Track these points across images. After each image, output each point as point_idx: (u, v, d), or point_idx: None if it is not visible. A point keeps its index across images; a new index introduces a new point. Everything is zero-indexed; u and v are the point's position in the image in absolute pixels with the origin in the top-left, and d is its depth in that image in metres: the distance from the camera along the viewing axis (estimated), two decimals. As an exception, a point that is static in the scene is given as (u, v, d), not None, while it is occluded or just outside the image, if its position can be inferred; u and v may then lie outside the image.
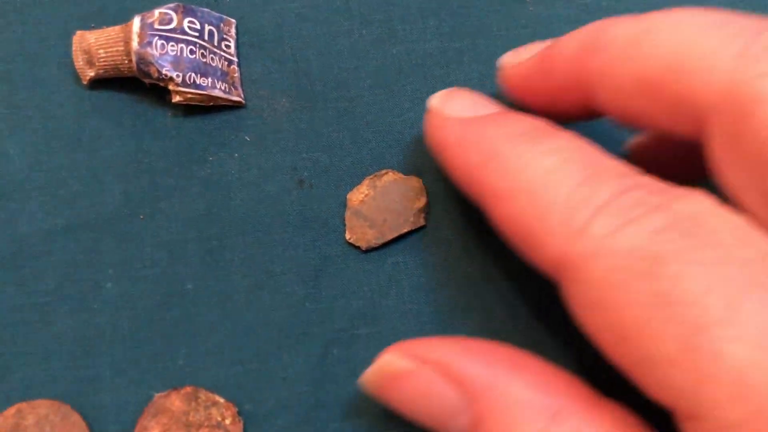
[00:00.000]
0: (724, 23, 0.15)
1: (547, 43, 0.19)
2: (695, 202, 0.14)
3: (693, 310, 0.12)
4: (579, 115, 0.18)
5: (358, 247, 0.21)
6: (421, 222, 0.21)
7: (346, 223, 0.21)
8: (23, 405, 0.19)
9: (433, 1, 0.24)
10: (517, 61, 0.19)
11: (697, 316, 0.12)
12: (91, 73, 0.22)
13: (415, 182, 0.22)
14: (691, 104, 0.14)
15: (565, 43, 0.18)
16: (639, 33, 0.16)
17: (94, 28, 0.24)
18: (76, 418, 0.19)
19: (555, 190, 0.15)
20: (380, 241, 0.21)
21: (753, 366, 0.11)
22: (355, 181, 0.22)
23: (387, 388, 0.17)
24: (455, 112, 0.19)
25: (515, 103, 0.20)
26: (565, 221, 0.14)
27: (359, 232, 0.21)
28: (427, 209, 0.21)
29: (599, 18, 0.24)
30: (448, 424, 0.16)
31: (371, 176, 0.22)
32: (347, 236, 0.21)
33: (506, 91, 0.20)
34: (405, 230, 0.21)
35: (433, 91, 0.23)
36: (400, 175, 0.22)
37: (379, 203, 0.21)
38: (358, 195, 0.21)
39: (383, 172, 0.22)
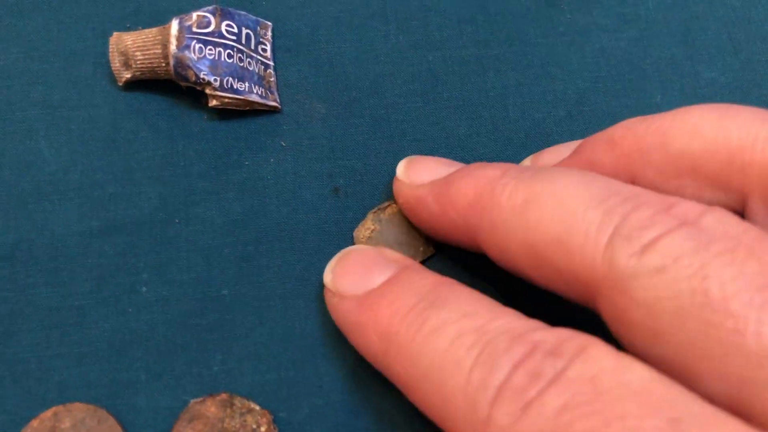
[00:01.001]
0: (604, 197, 0.15)
1: (444, 167, 0.19)
2: (592, 360, 0.14)
3: None
4: (475, 251, 0.18)
5: None
6: (431, 250, 0.21)
7: None
8: (60, 408, 0.19)
9: (471, 7, 0.24)
10: (411, 180, 0.20)
11: None
12: (127, 75, 0.22)
13: None
14: (577, 278, 0.15)
15: (460, 190, 0.18)
16: (524, 202, 0.16)
17: (129, 28, 0.23)
18: (111, 422, 0.19)
19: (453, 377, 0.15)
20: None
21: None
22: (390, 191, 0.22)
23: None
24: (348, 289, 0.19)
25: (409, 216, 0.20)
26: (468, 413, 0.14)
27: None
28: None
29: (637, 27, 0.24)
30: None
31: (374, 210, 0.21)
32: None
33: (399, 205, 0.20)
34: (418, 261, 0.21)
35: (470, 98, 0.23)
36: None
37: (387, 237, 0.21)
38: (364, 231, 0.21)
39: (385, 204, 0.21)
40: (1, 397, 0.19)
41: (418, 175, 0.20)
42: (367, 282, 0.18)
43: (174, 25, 0.22)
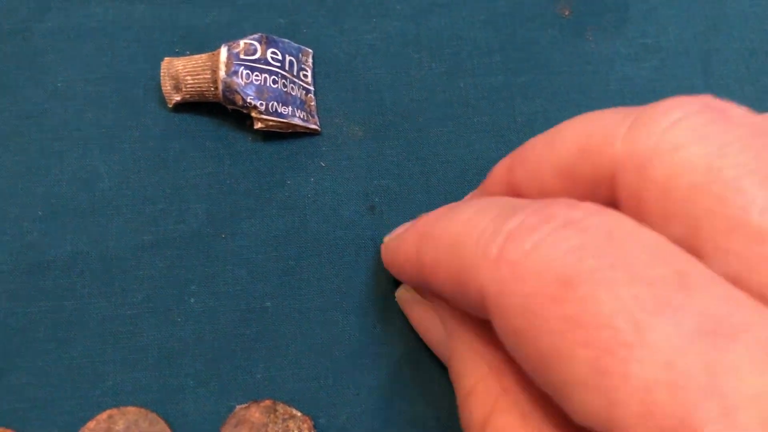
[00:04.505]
0: (619, 109, 0.16)
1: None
2: (610, 218, 0.14)
3: (602, 333, 0.12)
4: None
5: None
6: None
7: None
8: (114, 411, 0.21)
9: (500, 37, 0.25)
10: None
11: (606, 339, 0.12)
12: (177, 98, 0.24)
13: None
14: (602, 178, 0.16)
15: (498, 167, 0.19)
16: (551, 134, 0.17)
17: (178, 53, 0.25)
18: (162, 425, 0.20)
19: (470, 234, 0.15)
20: None
21: (660, 386, 0.12)
22: (422, 210, 0.23)
23: (405, 309, 0.21)
24: (399, 231, 0.20)
25: None
26: (480, 254, 0.15)
27: None
28: None
29: (658, 57, 0.25)
30: (441, 350, 0.20)
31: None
32: None
33: None
34: None
35: (499, 123, 0.24)
36: None
37: None
38: None
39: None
40: (59, 399, 0.21)
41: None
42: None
43: (223, 52, 0.23)
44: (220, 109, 0.24)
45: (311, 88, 0.24)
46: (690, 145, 0.14)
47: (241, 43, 0.23)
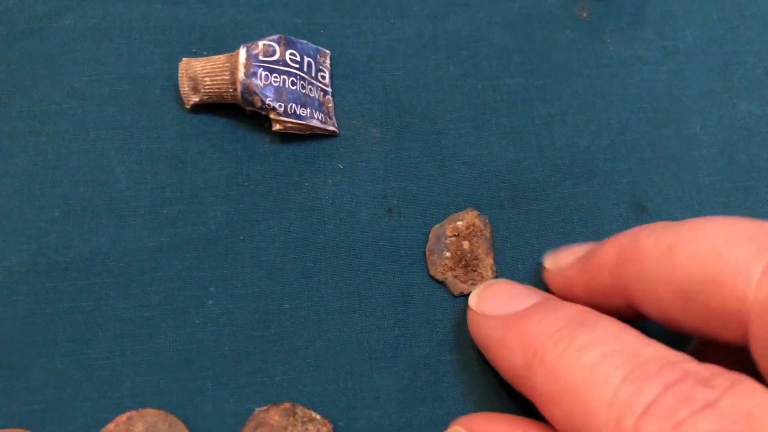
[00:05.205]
0: (752, 235, 0.16)
1: (585, 247, 0.20)
2: (746, 394, 0.14)
3: None
4: (625, 316, 0.19)
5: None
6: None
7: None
8: (133, 413, 0.20)
9: (518, 39, 0.25)
10: (558, 266, 0.21)
11: None
12: (195, 99, 0.24)
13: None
14: (729, 314, 0.16)
15: (602, 253, 0.19)
16: (672, 243, 0.17)
17: (195, 54, 0.25)
18: (181, 426, 0.20)
19: (599, 390, 0.15)
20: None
21: None
22: (441, 212, 0.23)
23: None
24: (494, 310, 0.19)
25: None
26: (612, 425, 0.15)
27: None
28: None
29: (676, 60, 0.25)
30: None
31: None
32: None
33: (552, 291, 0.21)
34: None
35: (517, 126, 0.24)
36: None
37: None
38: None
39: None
40: (78, 401, 0.21)
41: (563, 259, 0.20)
42: (513, 305, 0.19)
43: (242, 53, 0.23)
44: (237, 111, 0.24)
45: (329, 89, 0.24)
46: None
47: (260, 44, 0.23)
